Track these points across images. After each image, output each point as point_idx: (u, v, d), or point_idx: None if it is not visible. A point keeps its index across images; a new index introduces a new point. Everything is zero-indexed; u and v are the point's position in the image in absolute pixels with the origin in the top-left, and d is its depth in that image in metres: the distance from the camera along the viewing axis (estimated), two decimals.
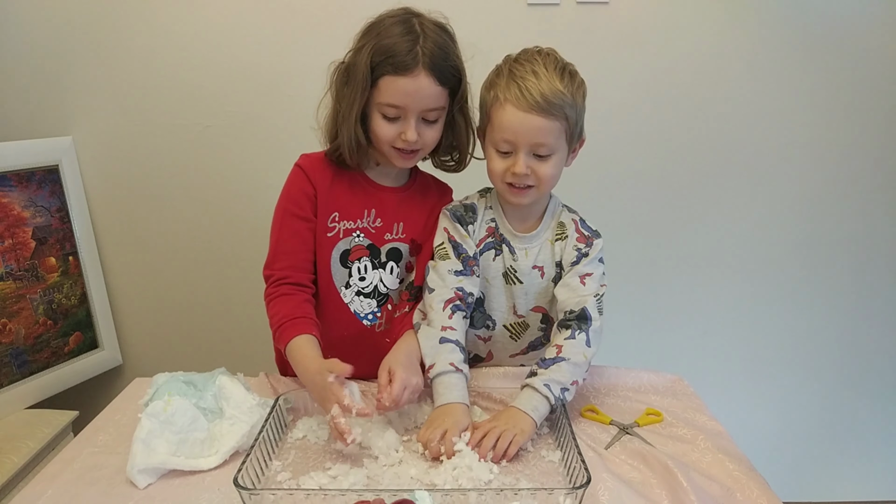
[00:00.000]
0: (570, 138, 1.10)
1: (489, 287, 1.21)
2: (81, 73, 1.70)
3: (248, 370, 1.19)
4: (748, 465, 0.98)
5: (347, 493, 0.84)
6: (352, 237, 1.19)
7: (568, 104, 1.05)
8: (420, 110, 1.10)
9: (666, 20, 1.68)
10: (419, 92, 1.08)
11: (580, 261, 1.16)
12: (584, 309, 1.11)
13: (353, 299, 1.22)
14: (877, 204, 1.84)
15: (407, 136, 1.10)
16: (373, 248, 1.21)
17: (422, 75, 1.07)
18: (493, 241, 1.20)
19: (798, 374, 1.98)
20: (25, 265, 1.63)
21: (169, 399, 0.98)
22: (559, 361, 1.06)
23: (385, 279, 1.22)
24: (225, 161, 1.76)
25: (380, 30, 1.09)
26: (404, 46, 1.06)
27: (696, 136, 1.77)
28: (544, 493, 0.85)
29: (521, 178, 1.09)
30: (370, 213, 1.20)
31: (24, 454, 1.43)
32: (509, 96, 1.05)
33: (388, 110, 1.10)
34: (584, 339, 1.09)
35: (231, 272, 1.84)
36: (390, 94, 1.08)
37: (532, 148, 1.07)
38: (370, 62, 1.07)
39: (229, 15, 1.67)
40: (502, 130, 1.07)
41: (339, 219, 1.19)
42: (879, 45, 1.71)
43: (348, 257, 1.20)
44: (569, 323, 1.11)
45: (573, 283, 1.15)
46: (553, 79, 1.05)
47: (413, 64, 1.06)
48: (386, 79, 1.07)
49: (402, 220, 1.22)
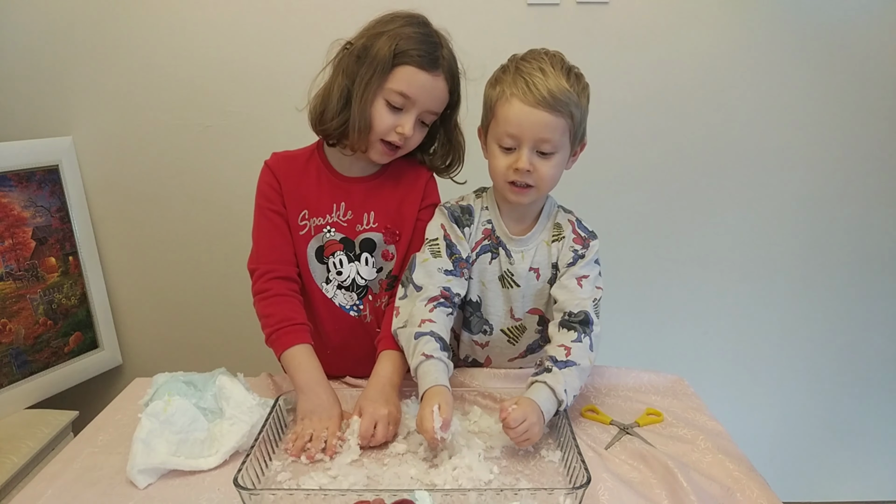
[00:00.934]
0: (572, 138, 1.10)
1: (486, 291, 1.21)
2: (81, 73, 1.70)
3: (248, 370, 1.19)
4: (748, 465, 0.98)
5: (347, 493, 0.85)
6: (323, 233, 1.20)
7: (574, 103, 1.06)
8: (424, 108, 1.12)
9: (666, 20, 1.68)
10: (434, 91, 1.11)
11: (576, 262, 1.15)
12: (586, 313, 1.10)
13: (336, 293, 1.23)
14: (877, 204, 1.83)
15: (404, 128, 1.11)
16: (346, 241, 1.21)
17: (440, 78, 1.11)
18: (490, 244, 1.19)
19: (798, 375, 1.98)
20: (25, 265, 1.63)
21: (169, 399, 0.98)
22: (571, 366, 1.05)
23: (361, 271, 1.22)
24: (225, 161, 1.76)
25: (399, 23, 1.10)
26: (427, 46, 1.09)
27: (696, 136, 1.77)
28: (544, 493, 0.85)
29: (523, 175, 1.08)
30: (339, 206, 1.20)
31: (24, 454, 1.43)
32: (516, 91, 1.05)
33: (397, 99, 1.10)
34: (589, 344, 1.09)
35: (231, 272, 1.83)
36: (406, 83, 1.09)
37: (536, 144, 1.07)
38: (394, 48, 1.07)
39: (229, 15, 1.67)
40: (507, 124, 1.07)
41: (308, 216, 1.19)
42: (880, 46, 1.71)
43: (323, 253, 1.21)
44: (573, 325, 1.10)
45: (570, 285, 1.14)
46: (560, 77, 1.05)
47: (437, 64, 1.10)
48: (407, 69, 1.08)
49: (371, 210, 1.21)
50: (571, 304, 1.12)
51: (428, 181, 1.25)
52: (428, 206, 1.24)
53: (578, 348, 1.07)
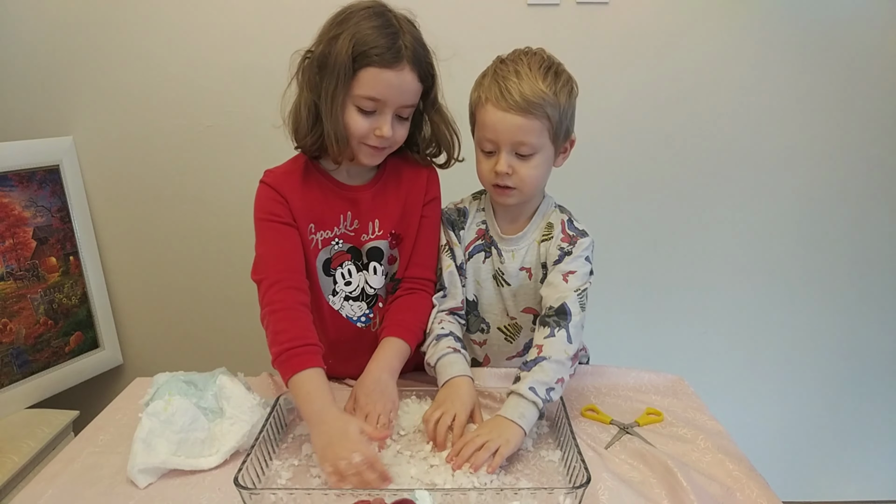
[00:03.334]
0: (554, 138, 1.08)
1: (481, 290, 1.22)
2: (81, 73, 1.70)
3: (249, 370, 1.19)
4: (748, 465, 0.98)
5: (347, 493, 0.85)
6: (331, 245, 1.16)
7: (549, 103, 1.04)
8: (398, 106, 1.07)
9: (666, 20, 1.68)
10: (402, 87, 1.05)
11: (563, 259, 1.14)
12: (563, 304, 1.09)
13: (343, 305, 1.20)
14: (877, 204, 1.83)
15: (382, 131, 1.06)
16: (354, 250, 1.18)
17: (406, 70, 1.05)
18: (483, 244, 1.21)
19: (798, 374, 1.98)
20: (26, 265, 1.63)
21: (169, 399, 0.98)
22: (540, 361, 1.04)
23: (370, 280, 1.20)
24: (225, 161, 1.76)
25: (356, 20, 1.04)
26: (386, 40, 1.03)
27: (696, 136, 1.77)
28: (544, 493, 0.85)
29: (503, 178, 1.09)
30: (346, 216, 1.16)
31: (24, 454, 1.43)
32: (490, 96, 1.06)
33: (367, 103, 1.05)
34: (565, 336, 1.07)
35: (231, 272, 1.84)
36: (372, 86, 1.04)
37: (513, 147, 1.07)
38: (351, 52, 1.02)
39: (229, 15, 1.66)
40: (485, 130, 1.08)
41: (315, 230, 1.15)
42: (880, 47, 1.70)
43: (330, 265, 1.18)
44: (547, 320, 1.09)
45: (556, 281, 1.13)
46: (536, 78, 1.04)
47: (398, 58, 1.03)
48: (369, 71, 1.03)
49: (376, 218, 1.18)
50: (552, 300, 1.11)
51: (429, 176, 1.23)
52: (431, 202, 1.22)
53: (550, 343, 1.06)
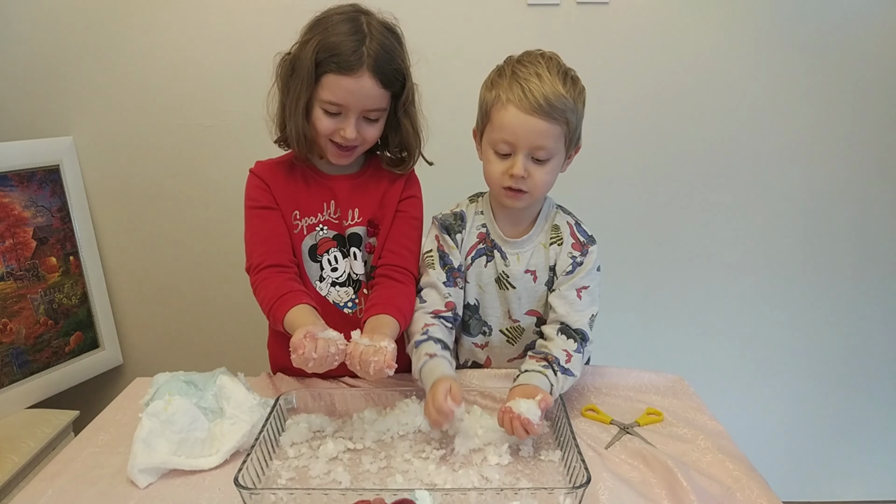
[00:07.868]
0: (568, 144, 1.09)
1: (483, 293, 1.21)
2: (81, 73, 1.70)
3: (249, 370, 1.19)
4: (748, 465, 0.98)
5: (347, 493, 0.85)
6: (316, 231, 1.21)
7: (570, 109, 1.05)
8: (361, 110, 1.11)
9: (666, 20, 1.68)
10: (361, 92, 1.08)
11: (575, 270, 1.16)
12: (583, 331, 1.13)
13: (330, 291, 1.23)
14: (877, 204, 1.83)
15: (346, 133, 1.11)
16: (339, 237, 1.22)
17: (365, 76, 1.07)
18: (485, 248, 1.20)
19: (798, 374, 1.98)
20: (26, 265, 1.63)
21: (170, 399, 0.98)
22: (569, 375, 1.08)
23: (354, 266, 1.23)
24: (225, 161, 1.76)
25: (326, 25, 1.08)
26: (349, 46, 1.06)
27: (696, 136, 1.77)
28: (544, 493, 0.85)
29: (517, 181, 1.08)
30: (329, 204, 1.21)
31: (24, 454, 1.43)
32: (512, 97, 1.05)
33: (330, 107, 1.10)
34: (584, 358, 1.12)
35: (231, 272, 1.84)
36: (332, 92, 1.08)
37: (531, 151, 1.07)
38: (315, 58, 1.07)
39: (229, 15, 1.67)
40: (503, 131, 1.07)
41: (300, 216, 1.20)
42: (880, 46, 1.71)
43: (317, 251, 1.21)
44: (573, 335, 1.12)
45: (570, 297, 1.15)
46: (556, 82, 1.04)
47: (357, 65, 1.06)
48: (329, 77, 1.07)
49: (356, 206, 1.22)
50: (570, 319, 1.13)
51: (409, 175, 1.26)
52: (408, 198, 1.24)
53: (577, 359, 1.10)
